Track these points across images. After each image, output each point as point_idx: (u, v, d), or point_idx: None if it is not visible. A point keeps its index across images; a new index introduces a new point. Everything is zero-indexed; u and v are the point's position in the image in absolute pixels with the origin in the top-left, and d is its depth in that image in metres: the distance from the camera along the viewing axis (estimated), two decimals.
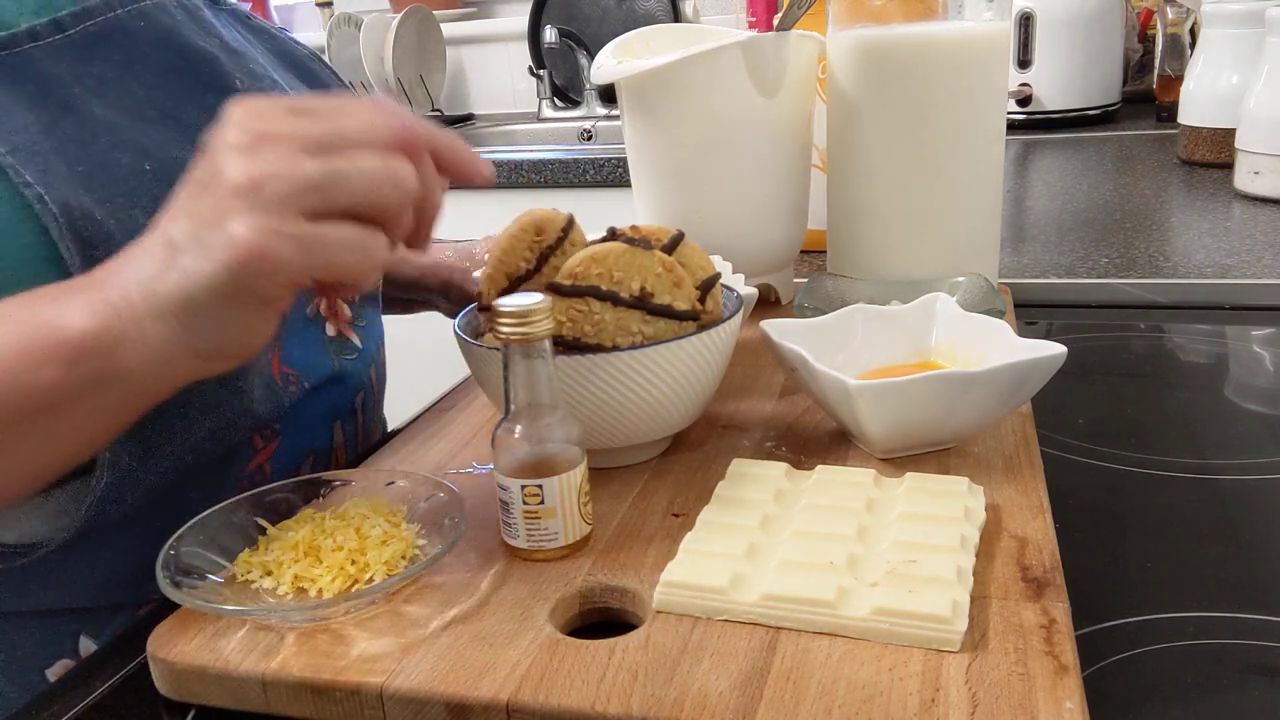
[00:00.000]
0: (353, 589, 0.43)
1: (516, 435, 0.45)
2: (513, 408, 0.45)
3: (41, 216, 0.47)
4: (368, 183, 0.39)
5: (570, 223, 0.56)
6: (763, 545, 0.44)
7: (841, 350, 0.59)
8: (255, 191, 0.38)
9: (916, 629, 0.38)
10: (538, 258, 0.55)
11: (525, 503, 0.45)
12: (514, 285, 0.55)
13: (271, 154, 0.38)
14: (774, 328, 0.56)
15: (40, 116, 0.50)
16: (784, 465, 0.51)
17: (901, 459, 0.53)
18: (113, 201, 0.50)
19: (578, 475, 0.46)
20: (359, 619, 0.42)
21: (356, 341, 0.67)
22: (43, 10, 0.52)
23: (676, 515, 0.49)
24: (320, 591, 0.43)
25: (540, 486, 0.45)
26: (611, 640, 0.40)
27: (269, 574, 0.44)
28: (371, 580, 0.43)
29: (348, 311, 0.67)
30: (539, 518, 0.45)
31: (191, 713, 0.41)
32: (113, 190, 0.50)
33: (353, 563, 0.44)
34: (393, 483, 0.51)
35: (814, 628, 0.39)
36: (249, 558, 0.45)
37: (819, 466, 0.50)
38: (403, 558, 0.45)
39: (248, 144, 0.39)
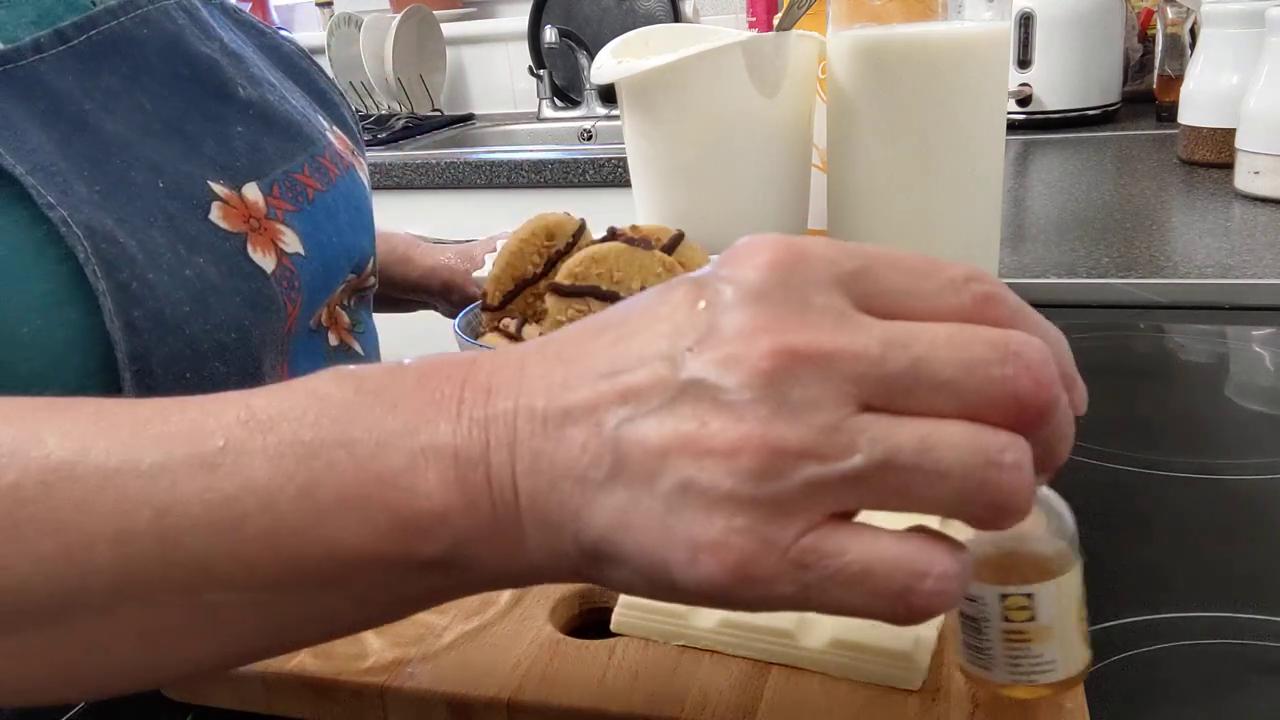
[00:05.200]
0: None
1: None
2: None
3: (67, 240, 0.45)
4: (942, 484, 0.24)
5: (581, 228, 0.56)
6: None
7: None
8: (767, 463, 0.24)
9: (875, 665, 0.36)
10: (546, 262, 0.55)
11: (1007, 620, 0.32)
12: (520, 288, 0.55)
13: (807, 392, 0.24)
14: None
15: (53, 135, 0.48)
16: None
17: None
18: (131, 222, 0.48)
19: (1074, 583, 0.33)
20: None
21: (358, 349, 0.66)
22: (43, 21, 0.50)
23: None
24: None
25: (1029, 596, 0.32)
26: (611, 640, 0.40)
27: None
28: None
29: (346, 318, 0.66)
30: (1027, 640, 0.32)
31: (191, 713, 0.41)
32: (129, 210, 0.49)
33: None
34: None
35: (771, 658, 0.38)
36: None
37: None
38: None
39: (773, 365, 0.24)
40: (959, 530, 0.32)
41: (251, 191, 0.55)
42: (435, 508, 0.26)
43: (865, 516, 0.26)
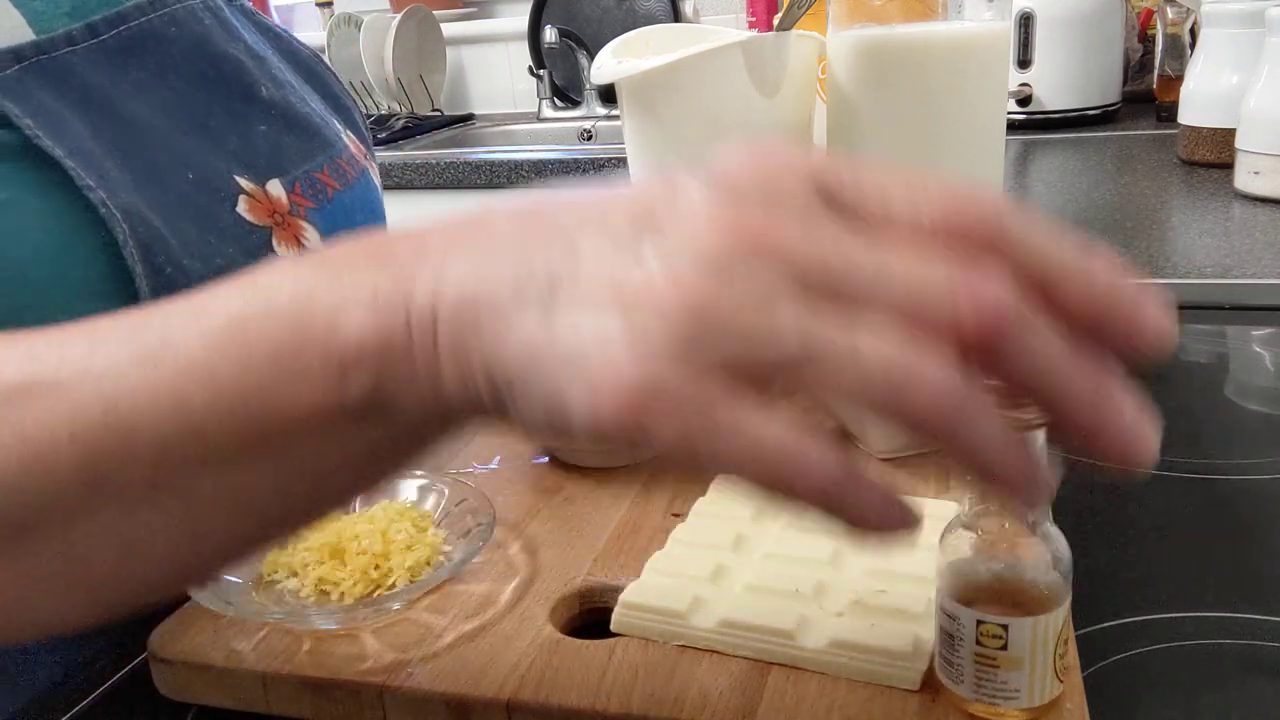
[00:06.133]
0: (374, 594, 0.43)
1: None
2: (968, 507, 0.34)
3: (107, 221, 0.45)
4: (851, 377, 0.23)
5: None
6: (731, 567, 0.43)
7: None
8: (692, 327, 0.23)
9: (874, 665, 0.36)
10: None
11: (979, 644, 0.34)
12: None
13: (752, 276, 0.24)
14: None
15: (86, 123, 0.48)
16: None
17: (902, 459, 0.53)
18: (164, 210, 0.49)
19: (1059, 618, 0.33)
20: (374, 626, 0.42)
21: None
22: (77, 13, 0.51)
23: (676, 515, 0.49)
24: (342, 596, 0.43)
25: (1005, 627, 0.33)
26: (611, 640, 0.40)
27: (294, 575, 0.44)
28: (394, 586, 0.43)
29: None
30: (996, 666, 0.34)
31: (192, 713, 0.41)
32: (163, 199, 0.49)
33: (376, 567, 0.44)
34: (421, 485, 0.50)
35: (771, 658, 0.38)
36: (276, 557, 0.45)
37: None
38: (427, 563, 0.44)
39: (724, 241, 0.24)
40: (960, 547, 0.32)
41: (275, 188, 0.56)
42: (354, 340, 0.27)
43: None
